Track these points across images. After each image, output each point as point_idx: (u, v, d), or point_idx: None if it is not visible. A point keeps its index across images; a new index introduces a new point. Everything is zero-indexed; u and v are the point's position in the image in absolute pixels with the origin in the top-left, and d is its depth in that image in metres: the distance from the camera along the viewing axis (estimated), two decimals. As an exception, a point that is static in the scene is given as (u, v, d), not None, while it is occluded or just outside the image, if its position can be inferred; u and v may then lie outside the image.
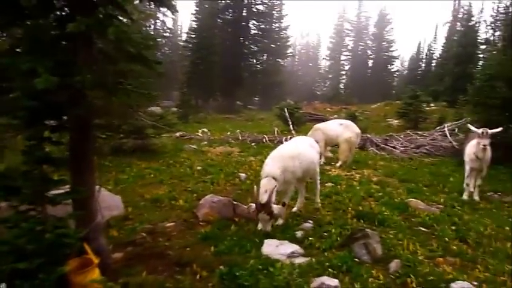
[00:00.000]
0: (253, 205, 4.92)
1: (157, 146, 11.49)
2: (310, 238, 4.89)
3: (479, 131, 7.10)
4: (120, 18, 3.58)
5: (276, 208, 4.90)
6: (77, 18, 2.82)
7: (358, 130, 10.94)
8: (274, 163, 5.24)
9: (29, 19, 3.09)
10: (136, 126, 10.44)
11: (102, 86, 3.17)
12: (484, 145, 7.03)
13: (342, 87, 61.80)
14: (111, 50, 3.51)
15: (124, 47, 3.41)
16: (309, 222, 5.54)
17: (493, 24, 37.95)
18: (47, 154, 3.17)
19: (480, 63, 28.26)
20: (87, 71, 3.01)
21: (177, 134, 15.52)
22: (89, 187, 3.47)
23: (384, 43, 56.79)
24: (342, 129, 10.72)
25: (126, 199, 6.13)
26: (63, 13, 3.36)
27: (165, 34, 48.23)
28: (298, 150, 5.63)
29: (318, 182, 6.40)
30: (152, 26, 45.74)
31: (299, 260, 4.24)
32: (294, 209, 6.11)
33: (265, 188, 4.92)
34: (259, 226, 5.05)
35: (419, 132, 16.60)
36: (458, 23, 45.12)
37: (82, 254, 3.38)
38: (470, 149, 7.54)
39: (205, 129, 17.15)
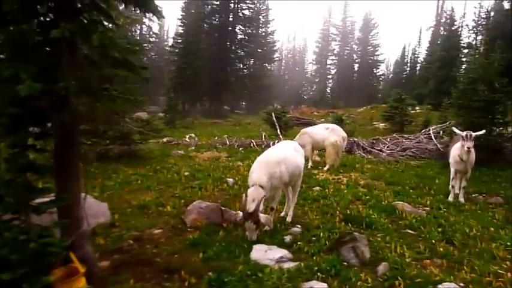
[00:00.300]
0: (241, 213, 4.89)
1: (144, 152, 11.39)
2: (299, 243, 4.90)
3: (464, 133, 7.21)
4: (105, 23, 3.55)
5: (263, 217, 4.83)
6: (60, 25, 2.78)
7: (344, 134, 11.03)
8: (261, 170, 5.18)
9: (12, 24, 3.03)
10: (123, 132, 10.35)
11: (87, 92, 3.13)
12: (469, 147, 7.14)
13: (329, 91, 62.30)
14: (96, 56, 3.47)
15: (109, 53, 3.37)
16: (297, 227, 5.55)
17: (475, 29, 38.72)
18: (30, 162, 3.10)
19: (463, 67, 28.82)
20: (71, 77, 2.96)
21: (164, 140, 15.41)
22: (74, 195, 3.41)
23: (369, 47, 57.41)
24: (328, 133, 10.79)
25: (112, 206, 6.05)
26: (47, 19, 3.32)
27: (151, 39, 48.06)
28: (284, 155, 5.55)
29: (299, 187, 6.22)
30: (138, 31, 45.58)
31: (288, 265, 4.23)
32: (282, 214, 6.10)
33: (253, 196, 4.87)
34: (247, 233, 5.00)
35: (405, 135, 16.79)
36: (442, 28, 45.97)
37: (68, 262, 3.31)
38: (455, 151, 7.65)
39: (192, 135, 17.07)
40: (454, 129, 7.73)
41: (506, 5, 29.95)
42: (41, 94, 2.68)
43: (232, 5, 40.60)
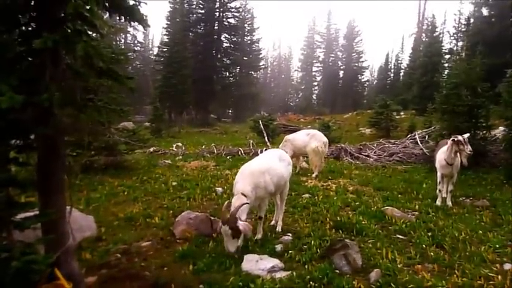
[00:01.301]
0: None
1: (130, 163, 11.23)
2: (290, 251, 4.85)
3: (462, 138, 7.22)
4: (89, 33, 3.48)
5: (241, 224, 4.55)
6: (43, 35, 2.71)
7: (325, 139, 11.05)
8: (245, 180, 5.07)
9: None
10: (108, 142, 10.19)
11: (71, 103, 3.05)
12: (471, 151, 7.20)
13: (315, 98, 62.92)
14: (80, 66, 3.40)
15: (94, 63, 3.30)
16: (288, 235, 5.51)
17: (455, 35, 39.66)
18: (12, 176, 3.00)
19: (446, 72, 29.36)
20: (55, 88, 2.88)
21: (151, 150, 15.23)
22: (59, 209, 3.31)
23: (353, 54, 58.18)
24: (308, 139, 10.82)
25: (98, 219, 5.92)
26: (29, 29, 3.24)
27: (136, 48, 47.83)
28: (268, 165, 5.43)
29: (286, 195, 6.11)
30: (122, 40, 45.33)
31: (280, 275, 4.18)
32: (272, 222, 6.05)
33: (234, 204, 4.78)
34: (224, 244, 4.75)
35: (391, 141, 16.94)
36: (423, 34, 46.94)
37: (53, 279, 3.20)
38: (441, 155, 7.72)
39: (179, 144, 16.93)
40: (460, 137, 7.32)
41: (485, 12, 30.73)
42: (23, 106, 2.60)
43: (217, 14, 40.76)
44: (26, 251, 2.87)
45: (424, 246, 5.20)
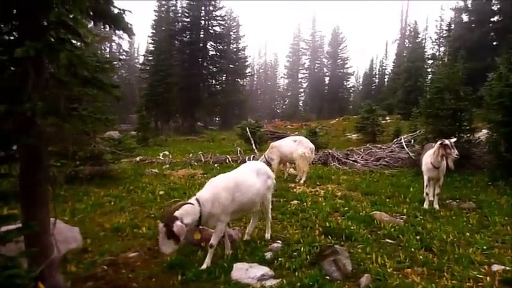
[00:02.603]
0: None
1: (116, 172, 11.07)
2: (280, 259, 4.80)
3: (450, 142, 7.32)
4: (73, 41, 3.43)
5: (177, 225, 4.10)
6: (25, 43, 2.65)
7: (311, 145, 11.11)
8: (207, 189, 4.77)
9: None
10: (93, 152, 10.02)
11: (55, 113, 2.98)
12: (458, 154, 7.30)
13: (301, 104, 63.34)
14: (64, 75, 3.34)
15: (78, 72, 3.25)
16: (278, 242, 5.47)
17: (437, 40, 40.50)
18: (-7, 188, 2.92)
19: (429, 77, 29.93)
20: (37, 98, 2.82)
21: (137, 159, 15.06)
22: (42, 221, 3.22)
23: (338, 61, 58.88)
24: (295, 145, 10.86)
25: (84, 230, 5.79)
26: (11, 37, 3.17)
27: (121, 57, 47.55)
28: (237, 181, 4.97)
29: (269, 213, 5.72)
30: (108, 49, 45.02)
31: (270, 283, 4.14)
32: (246, 237, 5.63)
33: (183, 205, 4.44)
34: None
35: (378, 145, 17.12)
36: (406, 40, 47.83)
37: (37, 294, 3.11)
38: (427, 159, 7.81)
39: (166, 152, 16.81)
40: (447, 140, 7.44)
41: (465, 18, 31.47)
42: (5, 116, 2.53)
43: (202, 22, 40.88)
44: (8, 265, 2.78)
45: (413, 249, 5.22)
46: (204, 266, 4.54)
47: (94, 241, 5.51)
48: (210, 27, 41.22)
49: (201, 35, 40.93)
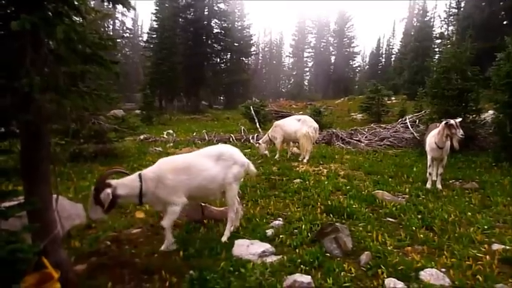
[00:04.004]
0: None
1: (120, 150, 11.13)
2: (281, 236, 4.84)
3: (455, 121, 7.24)
4: (73, 17, 3.37)
5: (104, 192, 4.02)
6: (21, 16, 2.61)
7: (315, 125, 11.03)
8: (154, 168, 4.51)
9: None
10: (97, 130, 10.06)
11: (53, 89, 2.96)
12: (463, 135, 7.24)
13: (306, 83, 62.78)
14: (64, 51, 3.30)
15: (77, 47, 3.21)
16: (279, 220, 5.51)
17: (446, 19, 39.61)
18: (-6, 164, 2.93)
19: (436, 57, 29.44)
20: (35, 73, 2.79)
21: (141, 137, 15.12)
22: (44, 197, 3.24)
23: (345, 39, 58.03)
24: (299, 124, 10.80)
25: (88, 207, 5.84)
26: (8, 11, 3.12)
27: (124, 35, 47.07)
28: (187, 163, 4.60)
29: (233, 207, 4.90)
30: (111, 27, 44.57)
31: (270, 259, 4.18)
32: (225, 238, 4.77)
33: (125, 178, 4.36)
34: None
35: (382, 125, 17.04)
36: (415, 19, 46.85)
37: (41, 268, 3.16)
38: (431, 139, 7.76)
39: (170, 131, 16.83)
40: (452, 120, 7.33)
41: (476, -4, 30.66)
42: (2, 91, 2.51)
43: (207, -1, 40.17)
44: (11, 240, 2.82)
45: (413, 228, 5.23)
46: (163, 247, 4.43)
47: (97, 218, 5.56)
48: (214, 4, 40.57)
49: (205, 12, 40.32)
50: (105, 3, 3.56)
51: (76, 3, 3.20)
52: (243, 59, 47.49)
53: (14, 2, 3.03)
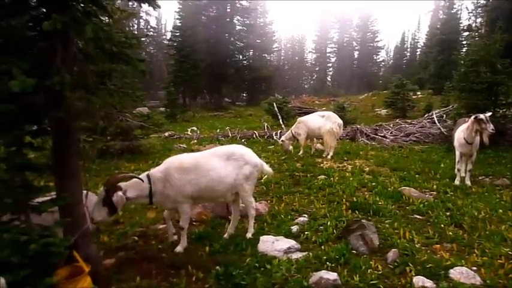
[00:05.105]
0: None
1: (145, 147, 11.32)
2: (306, 232, 4.82)
3: (485, 116, 7.03)
4: (100, 17, 3.45)
5: (117, 195, 3.93)
6: (52, 16, 2.68)
7: (339, 120, 10.90)
8: (161, 168, 4.39)
9: (2, 19, 2.94)
10: (123, 127, 10.26)
11: (83, 87, 3.03)
12: (493, 129, 7.01)
13: (329, 79, 62.08)
14: (92, 50, 3.37)
15: (105, 46, 3.28)
16: (304, 216, 5.48)
17: (474, 11, 38.30)
18: (28, 160, 3.03)
19: (464, 50, 28.56)
20: (66, 72, 2.87)
21: (166, 134, 15.34)
22: (74, 193, 3.33)
23: (368, 34, 56.98)
24: (323, 121, 10.70)
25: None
26: (39, 12, 3.21)
27: (148, 33, 47.73)
28: (195, 163, 4.45)
29: (251, 208, 4.83)
30: (135, 26, 45.31)
31: (296, 256, 4.17)
32: (225, 235, 4.79)
33: (131, 179, 4.22)
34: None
35: (408, 121, 16.71)
36: (441, 11, 45.51)
37: (72, 262, 3.25)
38: (460, 134, 7.55)
39: (194, 128, 17.01)
40: (482, 115, 7.11)
41: (506, -15, 29.50)
42: (35, 90, 2.59)
43: (228, -4, 40.17)
44: (44, 234, 2.91)
45: (442, 225, 5.12)
46: (178, 248, 4.38)
47: (125, 213, 5.68)
48: (236, 1, 40.53)
49: (228, 9, 40.32)
50: (131, 2, 3.61)
51: (103, 2, 3.26)
52: (265, 55, 47.35)
53: (45, 3, 3.11)
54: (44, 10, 3.17)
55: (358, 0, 61.02)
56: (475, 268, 3.90)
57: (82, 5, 3.21)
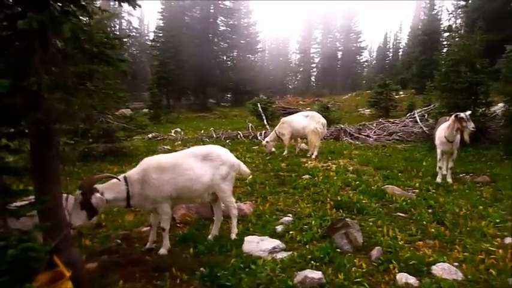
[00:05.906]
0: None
1: (129, 149, 11.20)
2: (291, 232, 4.84)
3: (465, 114, 7.15)
4: (80, 16, 3.38)
5: (96, 197, 3.82)
6: (28, 15, 2.61)
7: (323, 120, 10.98)
8: (138, 169, 4.33)
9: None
10: (106, 129, 10.12)
11: (62, 88, 2.96)
12: (474, 127, 7.13)
13: (313, 79, 62.41)
14: (71, 50, 3.31)
15: (84, 46, 3.21)
16: (289, 216, 5.49)
17: (454, 12, 39.04)
18: (5, 163, 2.94)
19: (444, 50, 29.06)
20: (44, 72, 2.80)
21: (150, 136, 15.19)
22: (54, 196, 3.25)
23: (352, 34, 57.49)
24: (307, 120, 10.75)
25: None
26: (15, 11, 3.13)
27: (131, 34, 47.15)
28: (172, 162, 4.41)
29: (232, 207, 4.78)
30: (117, 26, 44.70)
31: (281, 255, 4.17)
32: (209, 237, 4.74)
33: (112, 182, 4.16)
34: None
35: (390, 120, 16.91)
36: (422, 12, 46.24)
37: (53, 267, 3.17)
38: (441, 133, 7.68)
39: (178, 129, 16.87)
40: (462, 114, 7.24)
41: (485, -13, 30.15)
42: (11, 91, 2.52)
43: (212, -3, 40.04)
44: (23, 239, 2.83)
45: (424, 223, 5.20)
46: (162, 250, 4.34)
47: (108, 216, 5.61)
48: (220, 2, 40.42)
49: (211, 10, 40.20)
50: (112, 2, 3.55)
51: (83, 2, 3.20)
52: (250, 56, 47.34)
53: (21, 2, 3.03)
54: (20, 9, 3.10)
55: (341, 0, 60.93)
56: (456, 264, 3.98)
57: (60, 4, 3.15)
